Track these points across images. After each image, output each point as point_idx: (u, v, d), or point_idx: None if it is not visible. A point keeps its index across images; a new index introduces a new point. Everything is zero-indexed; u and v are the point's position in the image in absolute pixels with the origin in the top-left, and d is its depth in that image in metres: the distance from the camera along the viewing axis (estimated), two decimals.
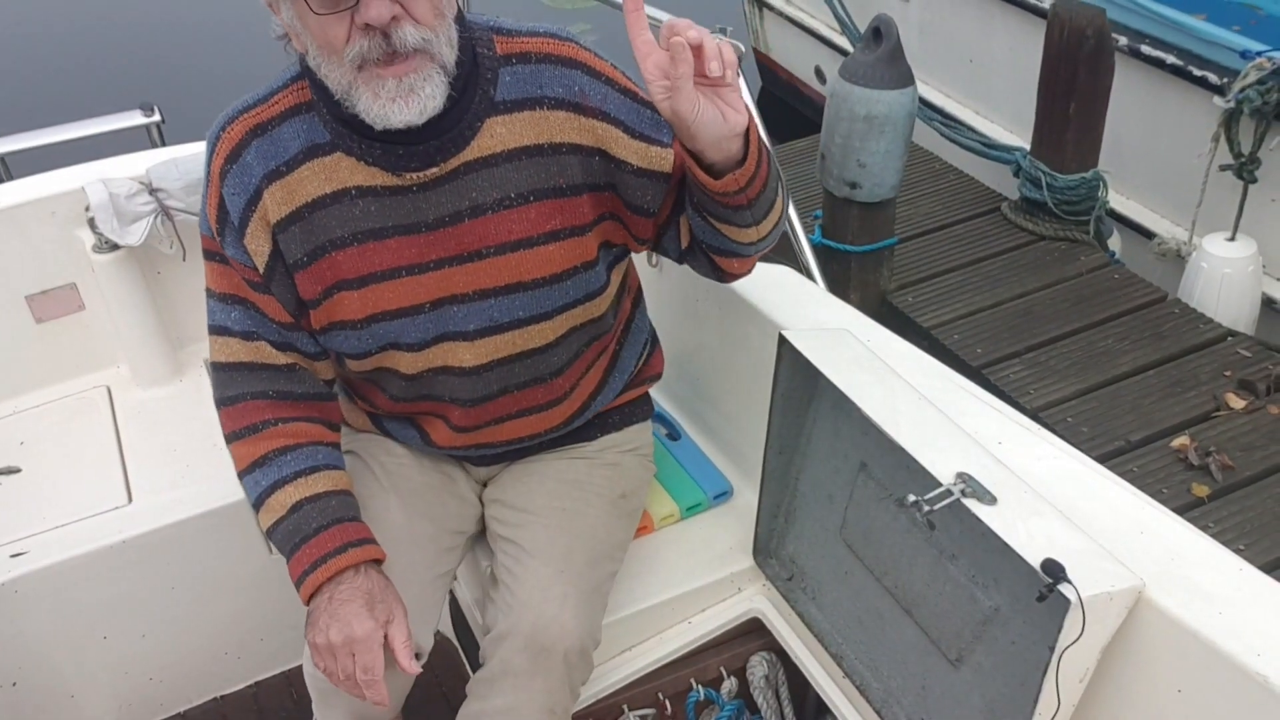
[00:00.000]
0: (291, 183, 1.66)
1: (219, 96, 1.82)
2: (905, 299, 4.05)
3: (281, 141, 1.66)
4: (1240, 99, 3.64)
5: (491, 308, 1.73)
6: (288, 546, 1.75)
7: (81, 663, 2.33)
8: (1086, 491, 1.65)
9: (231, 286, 1.75)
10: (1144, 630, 1.49)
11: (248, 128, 1.67)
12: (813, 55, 5.94)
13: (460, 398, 1.83)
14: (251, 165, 1.66)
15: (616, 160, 1.68)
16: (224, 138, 1.68)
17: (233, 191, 1.67)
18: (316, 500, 1.75)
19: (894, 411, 1.69)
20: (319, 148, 1.65)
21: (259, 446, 1.78)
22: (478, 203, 1.67)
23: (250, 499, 1.80)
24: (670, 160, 1.68)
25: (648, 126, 1.67)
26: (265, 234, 1.68)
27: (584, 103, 1.65)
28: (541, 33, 1.69)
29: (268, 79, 1.71)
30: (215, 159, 1.69)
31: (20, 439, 2.55)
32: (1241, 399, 3.45)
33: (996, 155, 4.44)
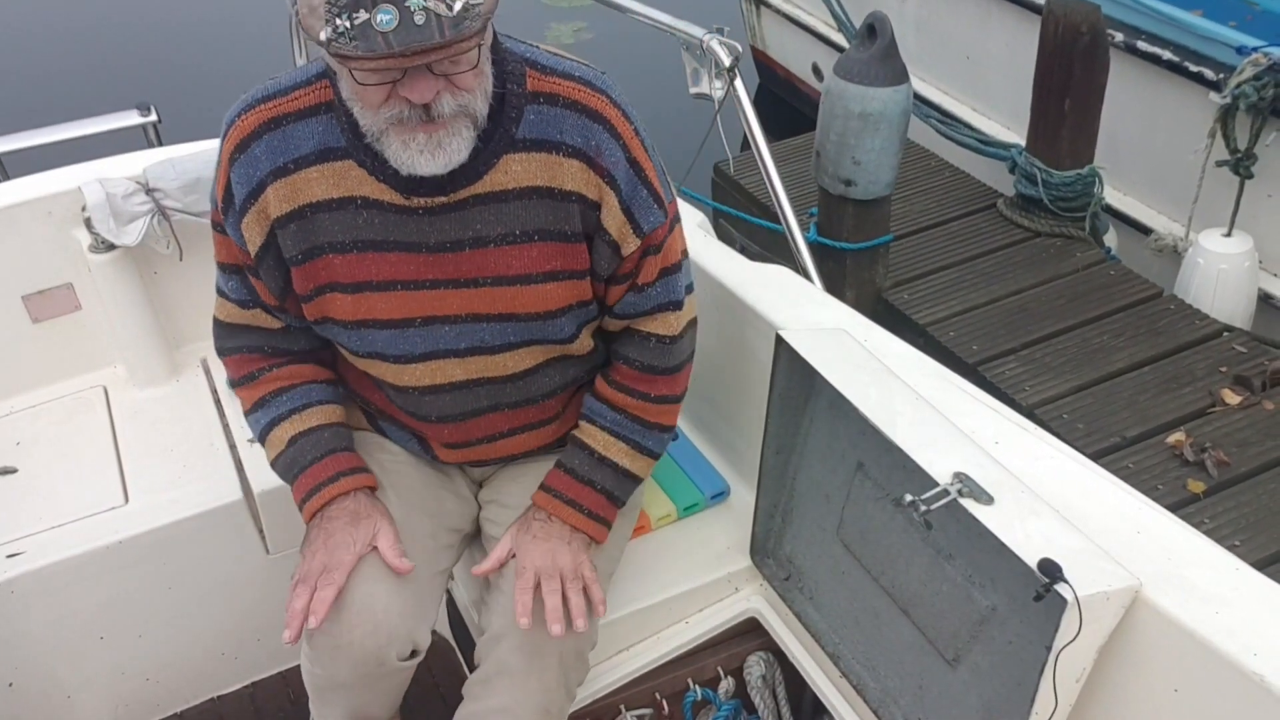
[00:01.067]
0: (298, 181, 1.66)
1: (216, 97, 1.82)
2: (901, 296, 4.06)
3: (294, 139, 1.66)
4: (1236, 94, 3.64)
5: (483, 330, 1.75)
6: (289, 476, 1.86)
7: (78, 663, 2.33)
8: (1083, 491, 1.65)
9: (232, 258, 1.78)
10: (1141, 630, 1.50)
11: (262, 120, 1.66)
12: (810, 52, 5.94)
13: (450, 414, 1.85)
14: (259, 159, 1.66)
15: (601, 225, 1.70)
16: (237, 125, 1.68)
17: (238, 180, 1.68)
18: (310, 434, 1.85)
19: (891, 411, 1.69)
20: (332, 152, 1.65)
21: (257, 391, 1.87)
22: (481, 235, 1.68)
23: (255, 436, 1.92)
24: (632, 250, 1.72)
25: (636, 206, 1.70)
26: (262, 226, 1.69)
27: (596, 159, 1.67)
28: (577, 77, 1.68)
29: (267, 77, 1.71)
30: (227, 143, 1.69)
31: (16, 439, 2.54)
32: (1237, 395, 3.46)
33: (992, 152, 4.44)
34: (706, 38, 2.47)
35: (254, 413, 1.89)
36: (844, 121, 3.78)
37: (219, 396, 2.63)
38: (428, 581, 1.88)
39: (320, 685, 1.86)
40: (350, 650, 1.76)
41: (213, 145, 2.58)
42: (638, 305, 1.80)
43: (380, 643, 1.76)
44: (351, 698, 1.86)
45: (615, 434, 1.87)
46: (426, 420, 1.87)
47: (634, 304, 1.80)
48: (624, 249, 1.72)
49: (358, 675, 1.80)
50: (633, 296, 1.79)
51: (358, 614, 1.76)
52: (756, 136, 2.51)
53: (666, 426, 1.92)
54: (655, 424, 1.90)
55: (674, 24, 2.56)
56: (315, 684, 1.87)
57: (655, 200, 1.72)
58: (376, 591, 1.77)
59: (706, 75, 2.51)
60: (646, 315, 1.82)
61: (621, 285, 1.78)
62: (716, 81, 2.49)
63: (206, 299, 2.67)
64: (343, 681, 1.82)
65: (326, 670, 1.81)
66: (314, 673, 1.84)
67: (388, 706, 1.94)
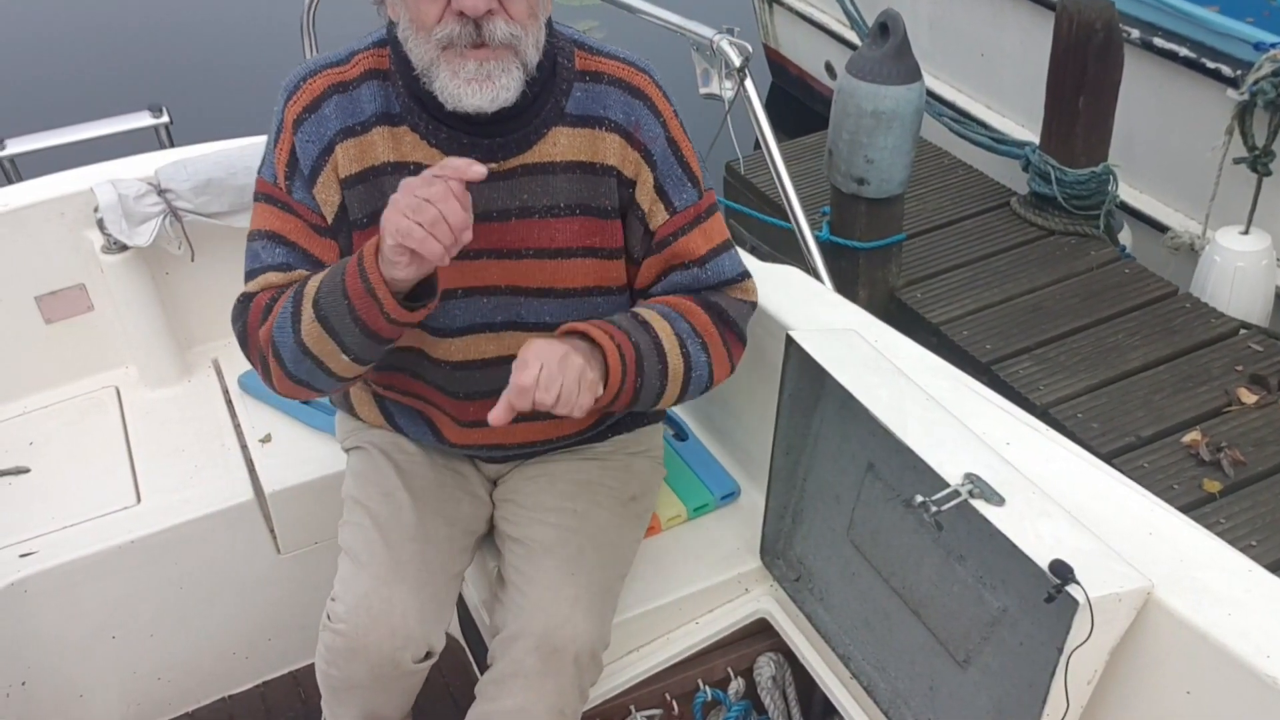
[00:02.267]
0: (364, 143, 1.71)
1: (227, 98, 1.82)
2: (914, 295, 4.04)
3: (359, 101, 1.71)
4: (1254, 91, 3.62)
5: (520, 306, 1.79)
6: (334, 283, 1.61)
7: (90, 662, 2.34)
8: (1095, 492, 1.64)
9: (288, 230, 1.74)
10: (1153, 631, 1.49)
11: (330, 83, 1.72)
12: (823, 51, 5.93)
13: (478, 391, 1.85)
14: (329, 118, 1.71)
15: (636, 200, 1.77)
16: (304, 88, 1.72)
17: (306, 139, 1.71)
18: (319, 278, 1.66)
19: (901, 412, 1.69)
20: (390, 116, 1.71)
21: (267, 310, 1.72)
22: (527, 205, 1.73)
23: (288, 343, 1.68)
24: (661, 226, 1.78)
25: (670, 184, 1.78)
26: (335, 186, 1.73)
27: (635, 134, 1.74)
28: (621, 58, 1.77)
29: (279, 77, 1.73)
30: (291, 107, 1.72)
31: (29, 439, 2.55)
32: (1253, 394, 3.43)
33: (1005, 150, 4.42)
34: (716, 38, 2.46)
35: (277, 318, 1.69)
36: (856, 120, 3.77)
37: (230, 397, 2.63)
38: (444, 584, 1.88)
39: (335, 686, 1.86)
40: (367, 653, 1.77)
41: (225, 146, 2.61)
42: (702, 279, 1.82)
43: (397, 645, 1.77)
44: (365, 698, 1.86)
45: (680, 339, 1.76)
46: (454, 397, 1.86)
47: (698, 277, 1.82)
48: (652, 223, 1.78)
49: (373, 677, 1.80)
50: (691, 271, 1.81)
51: (376, 617, 1.76)
52: (767, 137, 2.50)
53: (714, 376, 1.82)
54: (714, 360, 1.81)
55: (683, 24, 2.55)
56: (330, 684, 1.87)
57: (690, 179, 1.79)
58: (395, 595, 1.78)
59: (716, 75, 2.50)
60: (723, 284, 1.85)
61: (657, 258, 1.80)
62: (726, 82, 2.48)
63: (218, 299, 2.72)
64: (358, 682, 1.82)
65: (342, 671, 1.81)
66: (329, 674, 1.84)
67: (400, 707, 1.94)
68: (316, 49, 3.15)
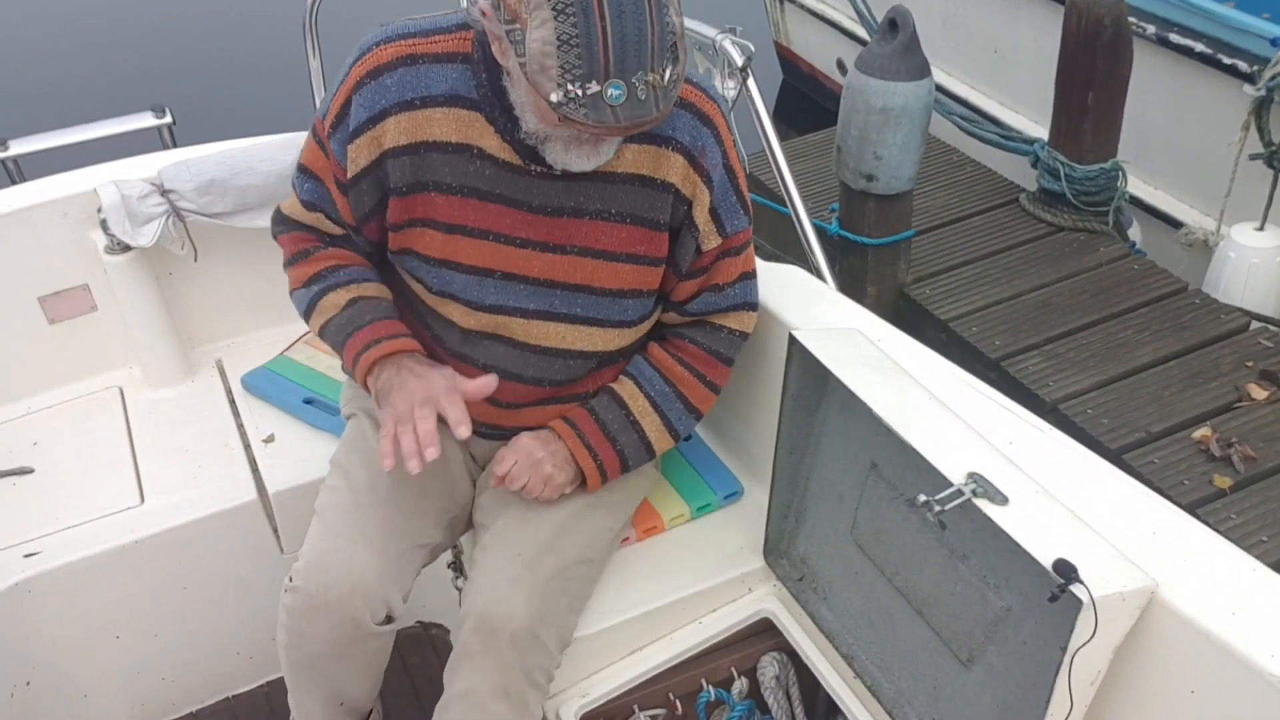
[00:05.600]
0: (420, 118, 1.72)
1: (230, 99, 1.82)
2: (923, 291, 4.02)
3: (427, 79, 1.72)
4: (1271, 87, 3.60)
5: (555, 296, 1.83)
6: (341, 335, 1.88)
7: (94, 662, 2.34)
8: (1099, 491, 1.63)
9: (319, 168, 1.84)
10: (1157, 631, 1.48)
11: (400, 54, 1.72)
12: (834, 47, 5.91)
13: (496, 367, 1.88)
14: (389, 89, 1.72)
15: (691, 219, 1.81)
16: (374, 52, 1.73)
17: (361, 103, 1.73)
18: (369, 301, 1.90)
19: (904, 411, 1.68)
20: (462, 99, 1.72)
21: (309, 267, 1.93)
22: (583, 206, 1.77)
23: (301, 309, 1.95)
24: (712, 247, 1.86)
25: (725, 209, 1.84)
26: (372, 152, 1.75)
27: (699, 159, 1.78)
28: (694, 82, 1.80)
29: (283, 78, 1.73)
30: (358, 66, 1.74)
31: (33, 439, 2.55)
32: (1263, 389, 3.41)
33: (1014, 147, 4.40)
34: (719, 37, 2.44)
35: (304, 287, 1.93)
36: (865, 116, 3.75)
37: (234, 397, 2.63)
38: (407, 550, 1.90)
39: (296, 660, 1.88)
40: (328, 611, 1.80)
41: (228, 146, 2.61)
42: (716, 303, 1.93)
43: (355, 604, 1.80)
44: (329, 672, 1.89)
45: (655, 404, 1.95)
46: (470, 363, 1.89)
47: (712, 302, 1.93)
48: (704, 245, 1.85)
49: (333, 640, 1.82)
50: (711, 295, 1.92)
51: (334, 573, 1.80)
52: (769, 136, 2.48)
53: (699, 415, 2.01)
54: (694, 408, 1.99)
55: (686, 23, 2.53)
56: (291, 659, 1.90)
57: (742, 207, 1.87)
58: (356, 553, 1.82)
59: (719, 75, 2.48)
60: (723, 312, 1.95)
61: (695, 281, 1.90)
62: (729, 81, 2.46)
63: (222, 300, 2.73)
64: (319, 651, 1.84)
65: (303, 638, 1.84)
66: (290, 646, 1.87)
67: (366, 686, 1.96)
68: (319, 50, 3.14)
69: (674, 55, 1.51)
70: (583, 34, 1.44)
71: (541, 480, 1.88)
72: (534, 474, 1.88)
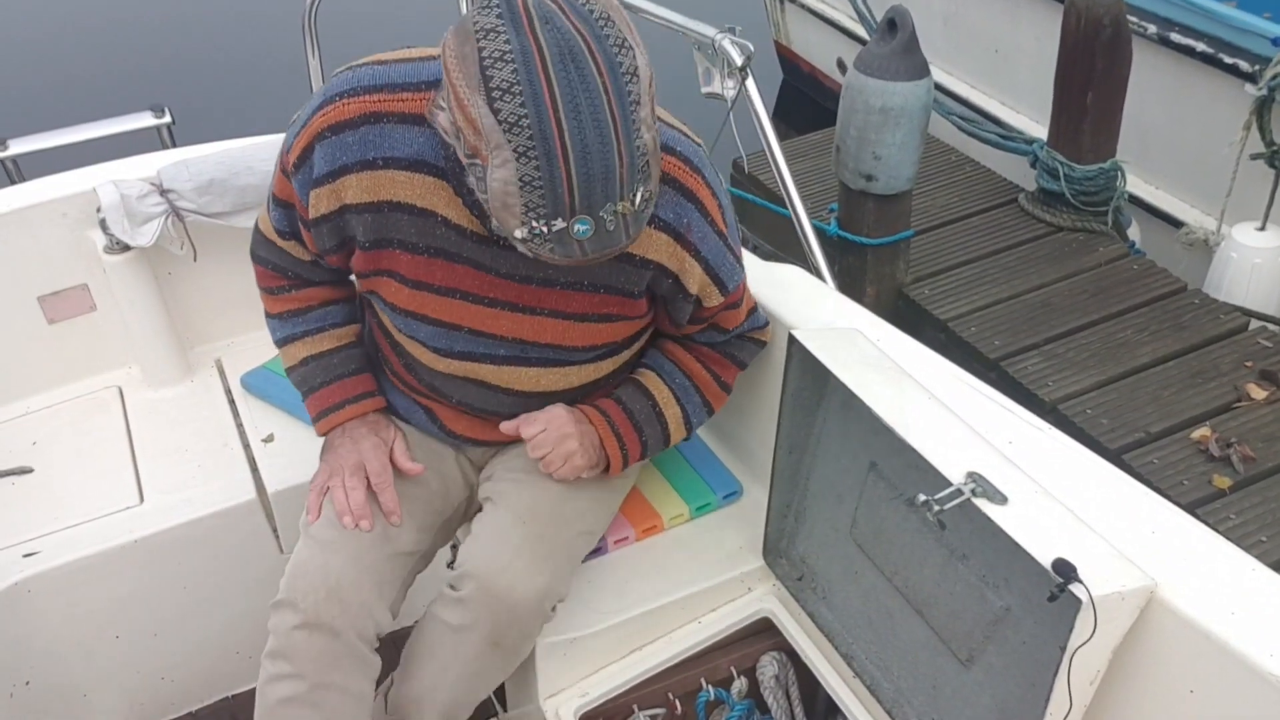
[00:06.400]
0: (382, 178, 1.65)
1: (229, 98, 1.82)
2: (922, 291, 4.02)
3: (391, 139, 1.63)
4: (1273, 87, 3.60)
5: (526, 348, 1.80)
6: (301, 390, 1.98)
7: (93, 662, 2.34)
8: (1097, 490, 1.63)
9: (287, 196, 1.78)
10: (1156, 630, 1.48)
11: (364, 111, 1.63)
12: (834, 47, 5.91)
13: (469, 404, 1.90)
14: (350, 146, 1.64)
15: (682, 287, 1.76)
16: (337, 105, 1.64)
17: (322, 155, 1.66)
18: (321, 357, 1.94)
19: (904, 411, 1.68)
20: (428, 166, 1.63)
21: (277, 304, 1.96)
22: (554, 277, 1.71)
23: (274, 340, 2.00)
24: (715, 305, 1.82)
25: (723, 271, 1.78)
26: (332, 203, 1.69)
27: (686, 235, 1.71)
28: (678, 153, 1.69)
29: (277, 79, 1.71)
30: (319, 117, 1.65)
31: (32, 439, 2.55)
32: (1263, 389, 3.41)
33: (1013, 146, 4.40)
34: (718, 37, 2.44)
35: (273, 320, 1.97)
36: (864, 116, 3.75)
37: (233, 396, 2.63)
38: (384, 559, 1.86)
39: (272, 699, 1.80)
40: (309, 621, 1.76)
41: (227, 145, 2.61)
42: (729, 339, 1.96)
43: (334, 612, 1.77)
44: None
45: (677, 397, 1.96)
46: (446, 401, 1.91)
47: (720, 340, 1.95)
48: (707, 303, 1.81)
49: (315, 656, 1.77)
50: (718, 335, 1.93)
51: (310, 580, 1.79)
52: (768, 135, 2.49)
53: (711, 411, 2.02)
54: (709, 405, 2.00)
55: (685, 23, 2.54)
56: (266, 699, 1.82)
57: (737, 260, 1.81)
58: (330, 562, 1.80)
59: (719, 75, 2.49)
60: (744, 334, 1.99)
61: (697, 325, 1.89)
62: (729, 81, 2.47)
63: (221, 299, 2.73)
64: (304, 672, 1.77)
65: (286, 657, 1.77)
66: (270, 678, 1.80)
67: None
68: (318, 49, 3.14)
69: (646, 175, 1.42)
70: (545, 176, 1.35)
71: (563, 456, 1.86)
72: (559, 448, 1.86)
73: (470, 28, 1.36)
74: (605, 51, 1.37)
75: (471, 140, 1.38)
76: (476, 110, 1.35)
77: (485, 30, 1.35)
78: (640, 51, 1.41)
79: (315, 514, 1.85)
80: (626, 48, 1.39)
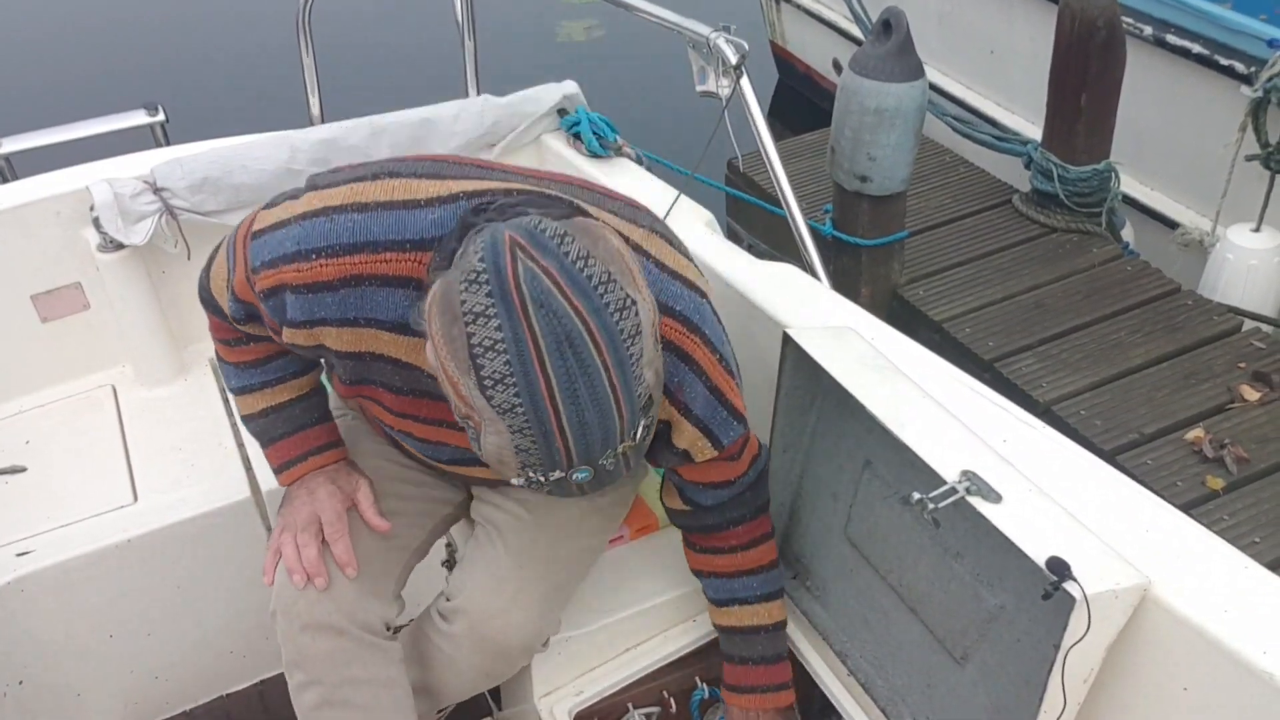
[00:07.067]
0: (365, 335, 1.54)
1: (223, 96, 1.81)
2: (916, 292, 4.03)
3: (373, 301, 1.50)
4: (1268, 88, 3.62)
5: None
6: (261, 440, 1.87)
7: (87, 661, 2.34)
8: (1091, 489, 1.63)
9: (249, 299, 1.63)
10: (1150, 628, 1.48)
11: (344, 274, 1.48)
12: (830, 47, 5.92)
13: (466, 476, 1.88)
14: (328, 304, 1.50)
15: (669, 442, 1.66)
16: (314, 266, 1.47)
17: (295, 305, 1.51)
18: (281, 409, 1.83)
19: (898, 409, 1.68)
20: (412, 330, 1.49)
21: (232, 354, 1.83)
22: None
23: (227, 385, 1.90)
24: (708, 460, 1.69)
25: (716, 425, 1.65)
26: (309, 341, 1.56)
27: (676, 394, 1.61)
28: (676, 313, 1.57)
29: (272, 76, 1.69)
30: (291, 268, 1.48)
31: (26, 438, 2.55)
32: (1256, 391, 3.42)
33: (1007, 148, 4.41)
34: (713, 36, 2.44)
35: (227, 366, 1.84)
36: (859, 117, 3.76)
37: (226, 395, 2.63)
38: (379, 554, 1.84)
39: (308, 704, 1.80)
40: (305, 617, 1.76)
41: (221, 144, 2.60)
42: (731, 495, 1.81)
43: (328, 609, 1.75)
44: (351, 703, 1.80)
45: (743, 600, 1.89)
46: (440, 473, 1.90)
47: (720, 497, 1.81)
48: (697, 457, 1.68)
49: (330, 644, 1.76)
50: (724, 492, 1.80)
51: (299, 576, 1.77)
52: (763, 135, 2.49)
53: (773, 561, 1.90)
54: (764, 565, 1.89)
55: (680, 22, 2.54)
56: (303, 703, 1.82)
57: (734, 416, 1.67)
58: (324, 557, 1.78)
59: (713, 73, 2.49)
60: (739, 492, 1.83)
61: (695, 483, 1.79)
62: (723, 79, 2.47)
63: None
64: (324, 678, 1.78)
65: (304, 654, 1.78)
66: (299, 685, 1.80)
67: None
68: (312, 49, 3.14)
69: (647, 411, 1.33)
70: (542, 449, 1.27)
71: None
72: None
73: (458, 308, 1.24)
74: (605, 325, 1.26)
75: (463, 409, 1.30)
76: (467, 390, 1.26)
77: (475, 314, 1.23)
78: (644, 298, 1.31)
79: (269, 576, 1.78)
80: (629, 307, 1.28)
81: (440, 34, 3.74)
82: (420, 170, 1.52)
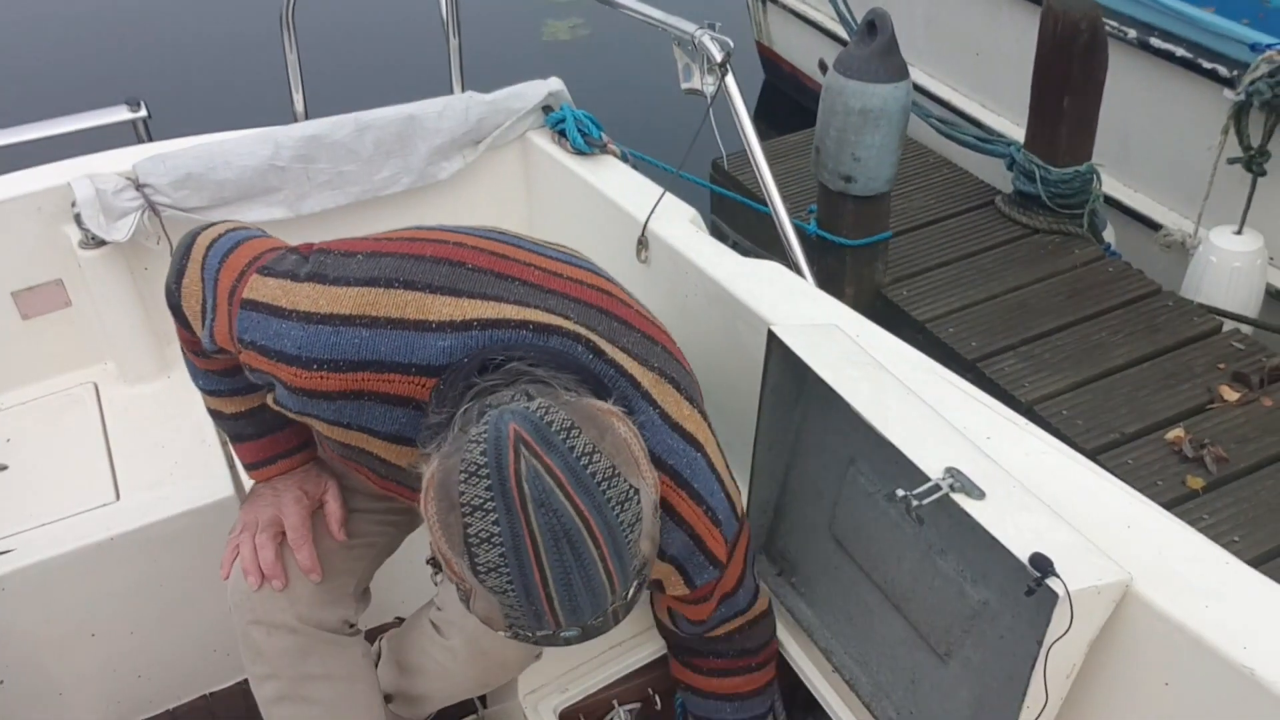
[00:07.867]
0: (355, 436, 1.51)
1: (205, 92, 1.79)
2: (900, 292, 4.05)
3: (370, 414, 1.48)
4: (1250, 92, 3.65)
5: None
6: (230, 435, 1.84)
7: (69, 660, 2.32)
8: (1074, 486, 1.64)
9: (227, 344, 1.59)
10: (1131, 624, 1.48)
11: (344, 388, 1.45)
12: (816, 48, 5.93)
13: None
14: (324, 408, 1.48)
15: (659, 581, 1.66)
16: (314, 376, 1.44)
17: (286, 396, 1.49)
18: (251, 413, 1.78)
19: (882, 407, 1.68)
20: (407, 440, 1.49)
21: (202, 363, 1.77)
22: None
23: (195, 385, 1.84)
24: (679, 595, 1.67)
25: (691, 568, 1.62)
26: (298, 416, 1.53)
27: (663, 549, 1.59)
28: (668, 466, 1.55)
29: (255, 73, 1.68)
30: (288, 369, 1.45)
31: (6, 436, 2.53)
32: (1235, 391, 3.45)
33: (990, 149, 4.43)
34: (697, 33, 2.44)
35: (192, 366, 1.79)
36: (844, 118, 3.77)
37: None
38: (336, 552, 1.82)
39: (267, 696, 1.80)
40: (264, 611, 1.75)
41: (204, 140, 2.59)
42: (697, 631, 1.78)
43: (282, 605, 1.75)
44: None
45: None
46: None
47: (694, 631, 1.78)
48: (670, 591, 1.66)
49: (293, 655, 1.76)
50: (689, 625, 1.77)
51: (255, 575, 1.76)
52: (748, 133, 2.49)
53: (756, 690, 1.87)
54: (742, 693, 1.87)
55: (665, 19, 2.54)
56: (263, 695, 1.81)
57: (711, 563, 1.63)
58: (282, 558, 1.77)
59: (698, 71, 2.49)
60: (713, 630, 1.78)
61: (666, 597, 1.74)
62: (708, 77, 2.47)
63: None
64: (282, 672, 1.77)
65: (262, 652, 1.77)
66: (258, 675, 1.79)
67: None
68: (296, 45, 3.13)
69: (639, 573, 1.30)
70: (531, 619, 1.25)
71: None
72: None
73: (456, 497, 1.22)
74: (606, 520, 1.24)
75: (454, 576, 1.28)
76: (461, 569, 1.24)
77: (473, 507, 1.21)
78: (647, 483, 1.30)
79: (226, 570, 1.76)
80: (631, 498, 1.26)
81: (425, 30, 3.73)
82: (436, 282, 1.46)
